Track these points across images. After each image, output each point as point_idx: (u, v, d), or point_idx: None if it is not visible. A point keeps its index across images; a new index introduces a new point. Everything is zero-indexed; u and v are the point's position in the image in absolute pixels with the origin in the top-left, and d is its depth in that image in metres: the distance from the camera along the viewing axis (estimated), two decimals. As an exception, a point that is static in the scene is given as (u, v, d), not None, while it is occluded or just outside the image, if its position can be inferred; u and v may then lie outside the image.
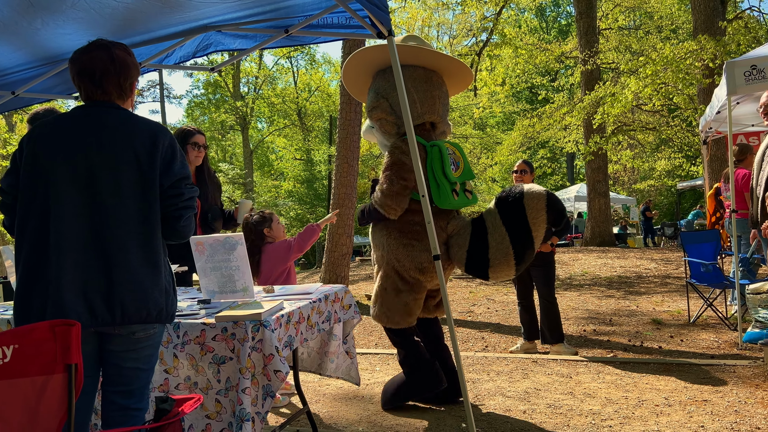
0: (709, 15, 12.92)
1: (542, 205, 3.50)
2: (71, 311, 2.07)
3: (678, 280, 9.92)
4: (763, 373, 4.29)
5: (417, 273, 3.66)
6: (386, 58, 3.81)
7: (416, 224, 3.68)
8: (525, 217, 3.49)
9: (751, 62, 5.05)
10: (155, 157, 2.20)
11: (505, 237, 3.51)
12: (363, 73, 4.05)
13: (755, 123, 7.56)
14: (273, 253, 4.10)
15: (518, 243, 3.49)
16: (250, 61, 33.11)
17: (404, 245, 3.66)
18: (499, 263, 3.52)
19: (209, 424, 2.59)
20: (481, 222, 3.66)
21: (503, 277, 3.60)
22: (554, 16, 34.98)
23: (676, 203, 24.56)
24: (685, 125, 17.78)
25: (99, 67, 2.23)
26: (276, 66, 34.58)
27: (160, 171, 2.22)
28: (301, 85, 34.86)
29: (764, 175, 4.20)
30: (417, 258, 3.64)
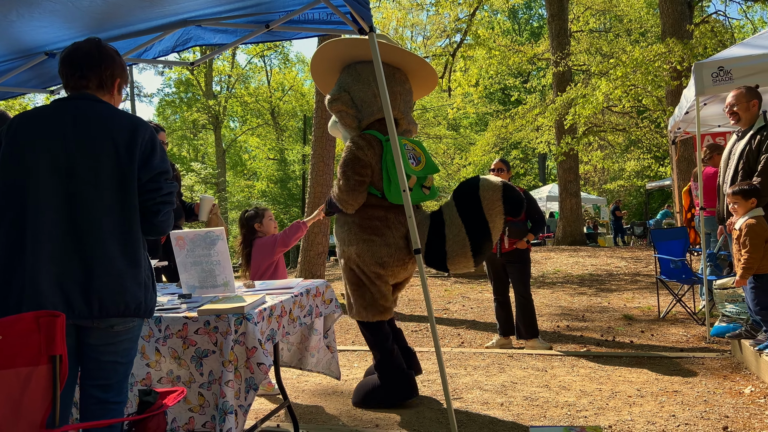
0: (677, 19, 13.24)
1: (498, 196, 3.54)
2: (48, 303, 2.05)
3: (648, 278, 10.14)
4: (730, 365, 4.43)
5: (377, 267, 3.70)
6: (353, 53, 3.85)
7: (376, 219, 3.72)
8: (481, 208, 3.54)
9: (718, 63, 5.20)
10: (134, 151, 2.19)
11: (461, 229, 3.55)
12: (330, 68, 4.07)
13: (722, 124, 7.77)
14: (261, 247, 4.18)
15: (475, 235, 3.53)
16: (223, 60, 32.81)
17: (364, 240, 3.70)
18: (456, 255, 3.56)
19: (192, 417, 2.59)
20: (439, 215, 3.70)
21: (462, 268, 3.64)
22: (526, 19, 35.40)
23: (645, 203, 25.06)
24: (654, 127, 18.17)
25: (82, 52, 2.24)
26: (249, 65, 34.33)
27: (138, 164, 2.21)
28: (275, 84, 34.65)
29: (730, 173, 4.34)
30: (377, 253, 3.68)
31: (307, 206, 10.38)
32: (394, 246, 3.70)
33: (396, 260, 3.71)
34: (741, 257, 3.94)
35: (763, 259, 3.91)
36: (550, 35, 17.99)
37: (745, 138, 4.26)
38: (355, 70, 3.93)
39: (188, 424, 2.59)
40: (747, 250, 3.90)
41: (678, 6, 13.33)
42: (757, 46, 5.33)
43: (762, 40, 5.51)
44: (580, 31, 20.56)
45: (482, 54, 16.19)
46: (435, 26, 21.34)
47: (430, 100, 24.54)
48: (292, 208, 30.49)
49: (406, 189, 3.01)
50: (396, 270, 3.76)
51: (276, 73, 35.03)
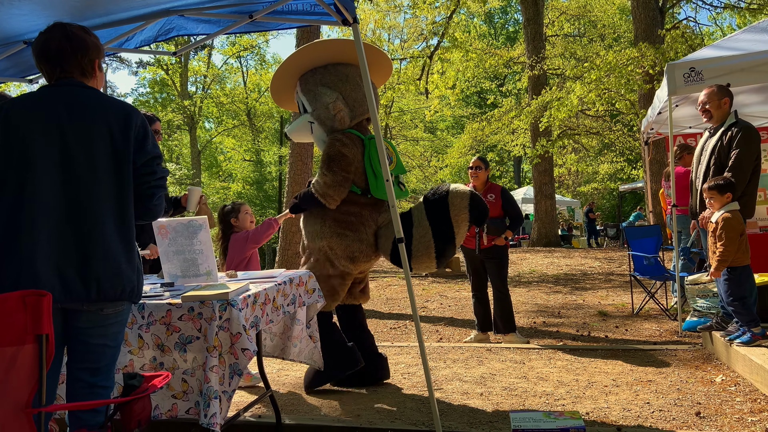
0: (649, 24, 13.53)
1: (465, 204, 3.67)
2: (45, 286, 2.05)
3: (621, 277, 10.32)
4: (702, 356, 4.55)
5: (347, 261, 3.83)
6: (313, 58, 3.96)
7: (351, 215, 3.84)
8: (448, 214, 3.66)
9: (690, 64, 5.34)
10: (128, 135, 2.21)
11: (428, 231, 3.67)
12: (288, 77, 4.15)
13: (693, 125, 7.97)
14: (235, 242, 4.25)
15: (440, 238, 3.66)
16: (198, 60, 32.55)
17: (338, 234, 3.81)
18: (420, 255, 3.68)
19: (175, 404, 2.58)
20: (409, 216, 3.82)
21: (424, 269, 3.77)
22: (502, 23, 35.78)
23: (618, 206, 25.50)
24: (627, 130, 18.51)
25: (54, 46, 2.22)
26: (225, 65, 34.08)
27: (133, 149, 2.23)
28: (251, 85, 34.43)
29: (702, 169, 4.46)
30: (349, 247, 3.80)
31: (284, 207, 10.36)
32: (365, 242, 3.85)
33: (365, 256, 3.88)
34: (716, 250, 4.05)
35: (737, 252, 4.02)
36: (526, 39, 18.23)
37: (716, 134, 4.39)
38: (339, 72, 4.00)
39: (171, 411, 2.58)
40: (723, 243, 4.00)
41: (650, 12, 13.64)
42: (727, 48, 5.48)
43: (732, 42, 5.68)
44: (555, 36, 20.87)
45: (459, 56, 16.33)
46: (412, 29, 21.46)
47: (408, 102, 24.65)
48: (269, 210, 30.31)
49: (389, 179, 3.04)
50: (362, 265, 3.92)
51: (252, 74, 34.82)
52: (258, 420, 3.39)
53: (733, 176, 4.16)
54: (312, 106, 4.00)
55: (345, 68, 4.02)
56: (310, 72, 4.04)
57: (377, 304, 8.43)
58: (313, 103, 3.99)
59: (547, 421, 2.76)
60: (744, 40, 5.60)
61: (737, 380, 3.86)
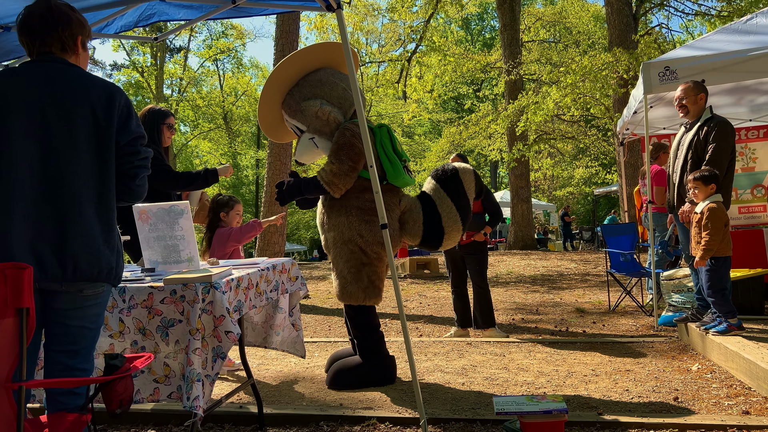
0: (623, 30, 13.77)
1: (472, 178, 4.05)
2: None
3: (597, 277, 10.45)
4: (678, 347, 4.62)
5: (379, 247, 3.82)
6: (284, 80, 4.00)
7: (373, 202, 3.79)
8: (463, 188, 3.95)
9: (665, 63, 5.45)
10: (112, 113, 2.18)
11: (452, 207, 3.91)
12: (272, 111, 4.18)
13: (667, 126, 8.13)
14: (219, 237, 4.25)
15: (462, 211, 3.92)
16: (174, 63, 32.23)
17: (366, 221, 3.80)
18: (451, 230, 3.91)
19: (157, 388, 2.54)
20: (426, 197, 3.96)
21: (452, 243, 3.98)
22: (479, 30, 36.11)
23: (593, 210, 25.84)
24: (601, 135, 18.80)
25: (36, 18, 2.18)
26: (201, 68, 33.80)
27: (116, 128, 2.19)
28: (228, 89, 34.22)
29: (680, 163, 4.54)
30: (378, 233, 3.80)
31: (263, 206, 10.29)
32: (392, 227, 3.89)
33: (393, 241, 3.91)
34: (701, 239, 4.12)
35: (721, 242, 4.10)
36: (503, 44, 18.41)
37: (693, 129, 4.47)
38: (311, 81, 4.03)
39: (153, 395, 2.54)
40: (708, 232, 4.07)
41: (624, 18, 13.89)
42: (700, 48, 5.61)
43: (705, 42, 5.81)
44: (532, 41, 21.13)
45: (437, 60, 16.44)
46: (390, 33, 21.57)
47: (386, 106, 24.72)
48: (245, 214, 30.08)
49: (372, 165, 3.04)
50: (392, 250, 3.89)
51: (229, 77, 34.62)
52: (239, 410, 3.35)
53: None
54: (304, 123, 4.01)
55: (315, 75, 4.06)
56: (288, 96, 4.07)
57: (356, 304, 8.40)
58: (304, 121, 4.00)
59: (530, 404, 2.77)
60: (717, 41, 5.73)
61: (713, 368, 3.93)
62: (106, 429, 3.27)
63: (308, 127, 4.00)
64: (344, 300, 3.87)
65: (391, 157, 3.82)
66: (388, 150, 3.83)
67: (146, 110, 4.13)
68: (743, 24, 5.97)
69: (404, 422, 3.12)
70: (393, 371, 3.93)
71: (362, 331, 3.88)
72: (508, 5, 17.77)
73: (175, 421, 3.31)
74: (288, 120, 4.15)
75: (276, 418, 3.24)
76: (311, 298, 9.24)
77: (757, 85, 7.10)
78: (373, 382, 3.82)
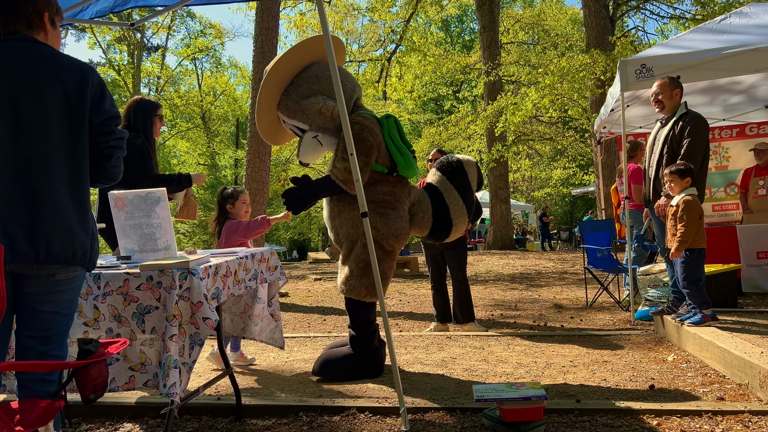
0: (600, 32, 13.96)
1: (474, 170, 4.08)
2: None
3: (574, 275, 10.55)
4: (654, 339, 4.68)
5: (393, 240, 3.81)
6: (277, 83, 3.94)
7: (385, 194, 3.84)
8: (468, 179, 4.01)
9: (641, 61, 5.53)
10: (85, 93, 2.14)
11: (458, 198, 3.97)
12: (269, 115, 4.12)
13: (643, 125, 8.25)
14: (227, 230, 4.21)
15: (468, 201, 4.00)
16: (151, 62, 31.89)
17: (380, 214, 3.78)
18: (459, 221, 3.97)
19: (133, 377, 2.50)
20: (434, 189, 4.00)
21: (458, 235, 4.05)
22: (458, 32, 36.31)
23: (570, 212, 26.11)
24: (579, 136, 19.01)
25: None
26: (179, 67, 33.47)
27: (90, 107, 2.15)
28: (206, 88, 33.95)
29: (655, 158, 4.61)
30: (393, 225, 3.79)
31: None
32: (404, 219, 3.90)
33: (405, 233, 3.92)
34: (677, 231, 4.18)
35: (696, 234, 4.16)
36: (482, 46, 18.53)
37: (668, 125, 4.54)
38: (306, 78, 3.94)
39: (129, 383, 2.50)
40: (684, 224, 4.13)
41: (601, 20, 14.08)
42: (676, 47, 5.70)
43: (680, 41, 5.91)
44: (511, 43, 21.29)
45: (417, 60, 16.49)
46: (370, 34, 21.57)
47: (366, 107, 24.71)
48: (223, 215, 29.83)
49: (353, 152, 3.02)
50: (402, 242, 3.94)
51: (207, 77, 34.35)
52: (217, 401, 3.30)
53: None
54: (306, 122, 3.91)
55: (309, 71, 3.95)
56: (284, 97, 3.97)
57: (336, 302, 8.39)
58: (306, 119, 3.90)
59: (509, 391, 2.79)
60: (691, 40, 5.83)
61: (688, 358, 3.98)
62: (80, 422, 3.20)
63: (311, 126, 3.91)
64: (346, 293, 3.81)
65: (401, 148, 3.81)
66: (397, 141, 3.81)
67: (136, 101, 3.99)
68: (717, 24, 6.08)
69: (384, 411, 3.10)
70: (381, 364, 3.90)
71: (357, 324, 3.86)
72: (488, 7, 17.89)
73: (151, 414, 3.25)
74: (287, 121, 4.04)
75: (254, 410, 3.21)
76: (290, 296, 9.19)
77: (731, 85, 7.25)
78: (361, 374, 3.80)
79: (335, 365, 3.80)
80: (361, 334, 3.84)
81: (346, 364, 3.79)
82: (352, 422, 3.00)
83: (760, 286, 6.20)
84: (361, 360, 3.81)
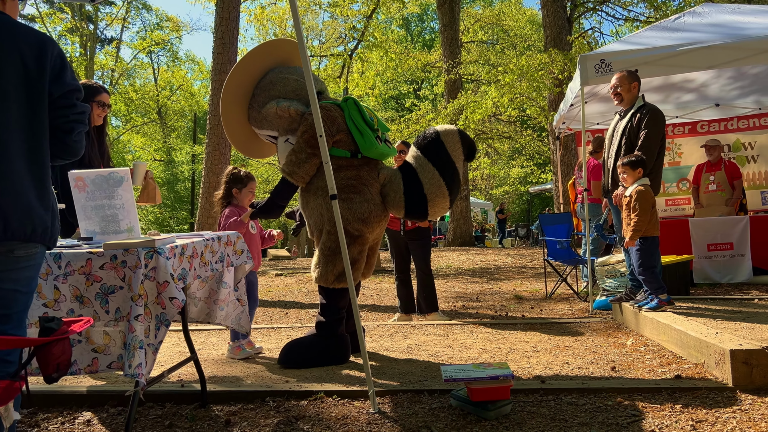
0: (558, 32, 14.25)
1: (457, 139, 3.76)
2: None
3: (533, 269, 10.74)
4: (612, 326, 4.80)
5: (360, 224, 3.74)
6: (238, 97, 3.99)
7: (350, 179, 3.77)
8: (447, 151, 3.72)
9: (600, 56, 5.67)
10: (44, 64, 2.05)
11: (434, 172, 3.71)
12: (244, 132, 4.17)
13: (600, 121, 8.45)
14: (225, 216, 4.15)
15: (447, 175, 3.71)
16: (105, 54, 31.01)
17: (343, 200, 3.72)
18: (435, 196, 3.71)
19: (96, 359, 2.42)
20: (408, 166, 3.82)
21: (440, 211, 3.80)
22: (419, 31, 36.50)
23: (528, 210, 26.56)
24: (536, 135, 19.35)
25: None
26: (135, 61, 32.65)
27: (49, 79, 2.07)
28: (162, 82, 33.21)
29: (614, 149, 4.73)
30: (357, 210, 3.73)
31: (201, 196, 10.02)
32: (372, 202, 3.79)
33: (375, 216, 3.80)
34: (630, 221, 4.30)
35: (649, 223, 4.29)
36: (443, 44, 18.68)
37: (626, 117, 4.66)
38: (262, 87, 4.00)
39: (91, 365, 2.42)
40: (637, 214, 4.26)
41: (559, 20, 14.37)
42: (634, 43, 5.87)
43: (638, 38, 6.08)
44: (471, 42, 21.52)
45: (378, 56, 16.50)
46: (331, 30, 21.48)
47: (326, 103, 24.58)
48: (180, 212, 29.25)
49: (322, 134, 3.00)
50: (374, 226, 3.83)
51: (164, 71, 33.61)
52: (181, 389, 3.24)
53: (642, 155, 4.43)
54: (273, 128, 3.96)
55: (264, 80, 4.03)
56: (249, 110, 4.05)
57: (298, 296, 8.33)
58: (271, 125, 3.95)
59: (476, 371, 2.81)
60: (648, 37, 6.01)
61: (646, 342, 4.10)
62: (36, 411, 3.09)
63: (279, 131, 3.94)
64: (316, 281, 3.82)
65: (362, 128, 3.74)
66: (358, 121, 3.75)
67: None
68: (672, 22, 6.29)
69: (352, 395, 3.10)
70: (347, 350, 3.88)
71: (325, 311, 3.85)
72: (448, 5, 18.04)
73: (111, 402, 3.17)
74: (260, 133, 4.09)
75: (219, 396, 3.15)
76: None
77: (683, 83, 7.50)
78: (327, 360, 3.78)
79: (300, 352, 3.79)
80: (328, 321, 3.81)
81: (311, 351, 3.78)
82: (320, 406, 2.98)
83: (710, 277, 6.43)
84: (326, 345, 3.80)
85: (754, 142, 8.31)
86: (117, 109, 32.11)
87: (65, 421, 2.95)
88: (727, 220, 6.52)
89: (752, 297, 5.20)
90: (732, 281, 6.33)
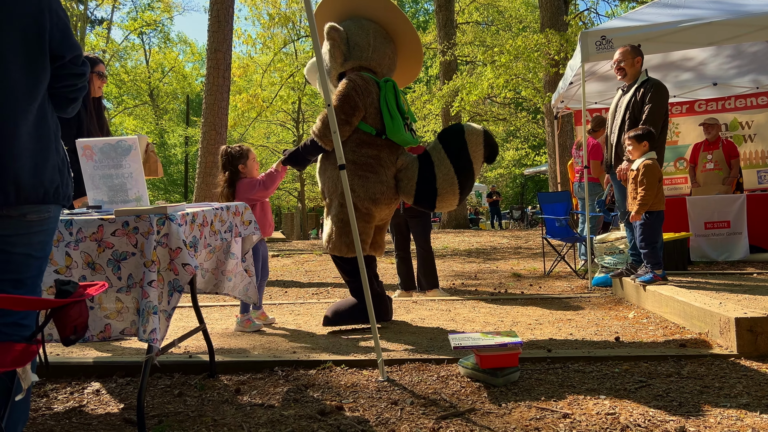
0: (554, 12, 14.17)
1: (480, 140, 3.80)
2: None
3: (529, 250, 10.78)
4: (613, 300, 4.85)
5: (370, 203, 3.80)
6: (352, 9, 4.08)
7: (370, 157, 3.82)
8: (467, 151, 3.76)
9: (601, 33, 5.65)
10: (44, 22, 2.00)
11: (450, 169, 3.77)
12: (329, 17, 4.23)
13: (598, 101, 8.46)
14: (243, 190, 4.13)
15: (462, 174, 3.77)
16: (96, 35, 30.61)
17: (359, 176, 3.77)
18: (445, 192, 3.79)
19: (108, 325, 2.42)
20: (427, 156, 3.87)
21: (448, 206, 3.87)
22: (413, 12, 36.25)
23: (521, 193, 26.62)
24: (531, 117, 19.34)
25: None
26: (126, 42, 32.27)
27: (59, 40, 2.03)
28: (154, 64, 32.87)
29: (617, 123, 4.73)
30: (371, 189, 3.78)
31: (197, 176, 9.98)
32: (386, 184, 3.84)
33: (386, 198, 3.86)
34: (636, 195, 4.32)
35: (655, 197, 4.31)
36: (438, 25, 18.55)
37: (630, 91, 4.66)
38: (360, 21, 4.06)
39: (104, 332, 2.42)
40: (644, 188, 4.28)
41: (555, 1, 14.29)
42: (634, 20, 5.85)
43: (638, 15, 6.05)
44: (466, 23, 21.39)
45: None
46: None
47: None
48: (174, 194, 29.11)
49: (330, 104, 3.00)
50: (383, 207, 3.88)
51: (155, 53, 33.25)
52: (189, 359, 3.25)
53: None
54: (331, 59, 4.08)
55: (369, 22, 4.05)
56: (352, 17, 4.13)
57: (297, 276, 8.34)
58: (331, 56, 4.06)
59: (485, 339, 2.84)
60: (649, 13, 5.99)
61: (648, 314, 4.15)
62: (44, 382, 3.10)
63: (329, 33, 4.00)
64: (330, 251, 3.89)
65: (393, 112, 3.80)
66: (391, 104, 3.80)
67: None
68: (672, -1, 6.27)
69: (360, 364, 3.12)
70: (386, 307, 4.00)
71: (350, 276, 3.96)
72: (444, -15, 17.90)
73: (119, 373, 3.17)
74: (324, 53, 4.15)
75: (228, 366, 3.17)
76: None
77: (682, 62, 7.50)
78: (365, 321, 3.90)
79: (345, 314, 3.94)
80: (358, 283, 3.90)
81: (354, 309, 3.92)
82: (329, 375, 3.00)
83: (707, 255, 6.49)
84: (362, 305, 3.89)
85: (752, 121, 8.35)
86: (108, 91, 31.78)
87: (74, 390, 2.95)
88: (724, 198, 6.57)
89: (750, 272, 5.25)
90: (729, 259, 6.40)
